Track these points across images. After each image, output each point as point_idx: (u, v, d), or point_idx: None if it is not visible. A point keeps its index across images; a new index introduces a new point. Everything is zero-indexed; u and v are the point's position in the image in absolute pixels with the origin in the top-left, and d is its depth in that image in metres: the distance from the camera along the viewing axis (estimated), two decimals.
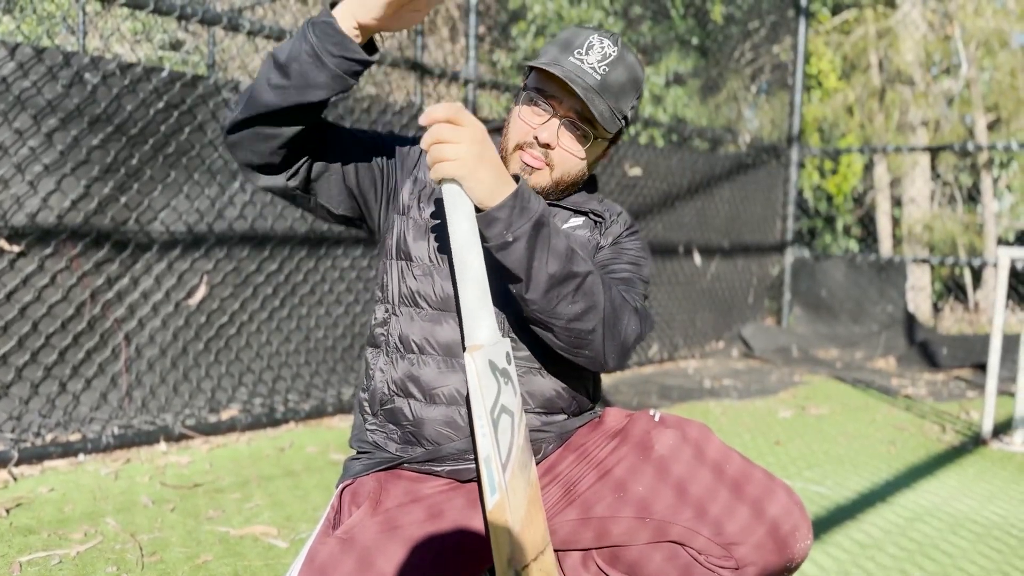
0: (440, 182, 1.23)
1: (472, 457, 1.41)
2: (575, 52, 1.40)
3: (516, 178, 1.28)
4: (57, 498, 2.48)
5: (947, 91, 8.84)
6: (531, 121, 1.42)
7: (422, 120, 1.22)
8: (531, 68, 1.45)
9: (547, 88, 1.41)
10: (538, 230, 1.25)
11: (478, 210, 1.24)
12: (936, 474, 3.02)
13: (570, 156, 1.43)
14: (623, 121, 1.44)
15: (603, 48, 1.40)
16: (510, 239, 1.23)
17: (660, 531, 1.36)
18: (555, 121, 1.40)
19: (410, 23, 1.26)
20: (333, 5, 1.28)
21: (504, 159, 1.45)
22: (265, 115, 1.29)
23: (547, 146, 1.41)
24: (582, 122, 1.41)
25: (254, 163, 1.36)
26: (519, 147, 1.42)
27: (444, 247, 1.43)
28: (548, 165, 1.43)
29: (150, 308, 3.14)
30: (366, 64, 1.28)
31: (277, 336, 3.52)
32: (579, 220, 1.52)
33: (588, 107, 1.38)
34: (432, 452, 1.42)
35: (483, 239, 1.25)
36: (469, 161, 1.20)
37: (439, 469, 1.43)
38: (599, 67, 1.39)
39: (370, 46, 1.32)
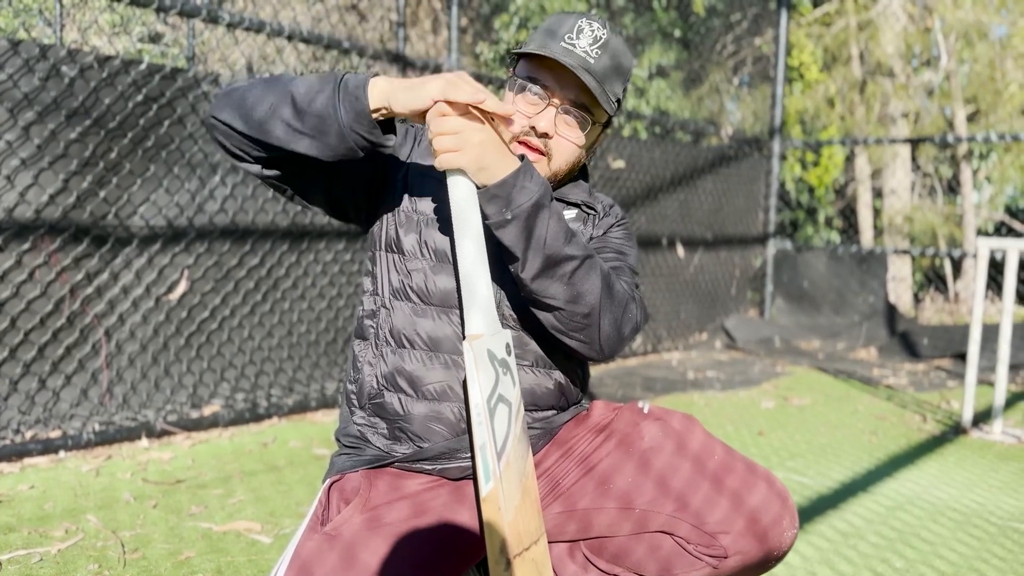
0: (445, 171, 1.22)
1: (463, 457, 1.41)
2: (565, 37, 1.38)
3: (521, 157, 1.27)
4: (37, 495, 2.46)
5: (927, 83, 8.90)
6: (526, 111, 1.39)
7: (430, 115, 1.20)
8: (519, 56, 1.43)
9: (540, 76, 1.39)
10: (537, 209, 1.24)
11: (480, 187, 1.24)
12: (917, 463, 3.05)
13: (568, 143, 1.41)
14: (616, 104, 1.43)
15: (593, 32, 1.38)
16: (508, 217, 1.23)
17: (643, 522, 1.37)
18: (551, 109, 1.38)
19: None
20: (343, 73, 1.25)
21: None
22: (263, 142, 1.27)
23: (545, 135, 1.39)
24: (578, 108, 1.39)
25: (231, 152, 1.34)
26: (515, 138, 1.40)
27: (437, 240, 1.42)
28: (547, 154, 1.41)
29: (130, 303, 3.11)
30: (384, 147, 1.27)
31: (259, 331, 3.50)
32: (572, 212, 1.52)
33: (584, 92, 1.36)
34: (422, 452, 1.41)
35: (483, 216, 1.24)
36: (471, 149, 1.20)
37: (429, 468, 1.42)
38: (591, 51, 1.37)
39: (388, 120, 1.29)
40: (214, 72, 3.32)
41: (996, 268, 7.11)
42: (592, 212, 1.53)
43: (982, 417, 3.72)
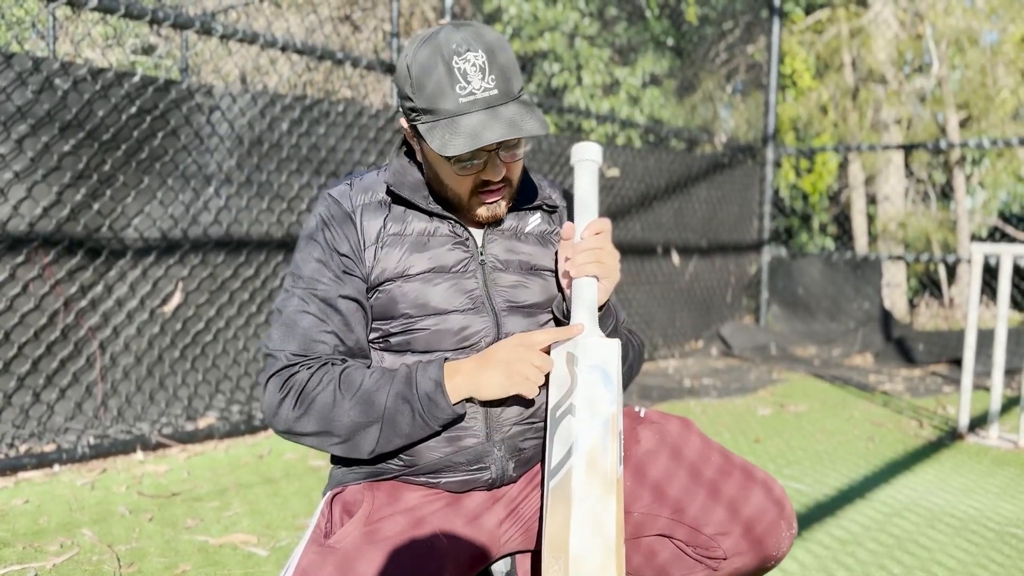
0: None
1: (464, 469, 1.41)
2: (458, 88, 1.26)
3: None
4: (32, 510, 2.44)
5: (919, 89, 8.93)
6: (471, 171, 1.33)
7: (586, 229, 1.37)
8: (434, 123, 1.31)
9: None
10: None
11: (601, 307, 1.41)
12: (913, 469, 3.05)
13: (518, 164, 1.39)
14: (522, 92, 1.36)
15: (474, 60, 1.27)
16: (616, 324, 1.47)
17: (641, 526, 1.39)
18: (494, 157, 1.33)
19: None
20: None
21: (456, 204, 1.39)
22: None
23: (503, 175, 1.36)
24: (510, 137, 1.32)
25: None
26: (473, 193, 1.37)
27: (413, 294, 1.39)
28: (508, 185, 1.39)
29: (124, 316, 3.10)
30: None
31: (254, 342, 3.49)
32: (536, 216, 1.50)
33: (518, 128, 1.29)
34: (420, 468, 1.41)
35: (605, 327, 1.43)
36: (615, 273, 1.39)
37: (434, 481, 1.42)
38: (489, 82, 1.27)
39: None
40: (207, 83, 3.32)
41: (990, 273, 7.13)
42: (554, 208, 1.53)
43: (978, 422, 3.72)
